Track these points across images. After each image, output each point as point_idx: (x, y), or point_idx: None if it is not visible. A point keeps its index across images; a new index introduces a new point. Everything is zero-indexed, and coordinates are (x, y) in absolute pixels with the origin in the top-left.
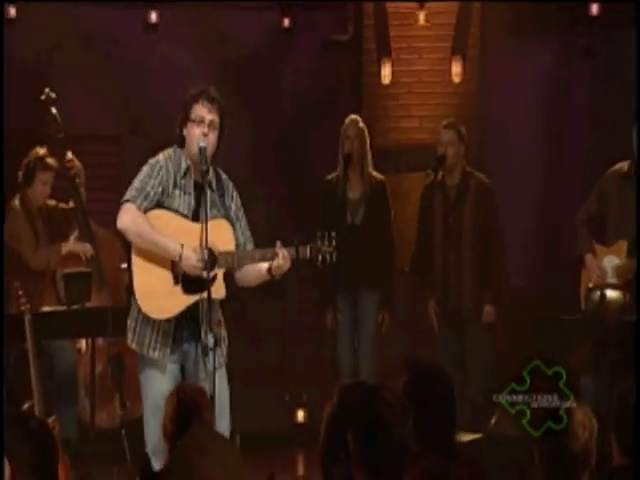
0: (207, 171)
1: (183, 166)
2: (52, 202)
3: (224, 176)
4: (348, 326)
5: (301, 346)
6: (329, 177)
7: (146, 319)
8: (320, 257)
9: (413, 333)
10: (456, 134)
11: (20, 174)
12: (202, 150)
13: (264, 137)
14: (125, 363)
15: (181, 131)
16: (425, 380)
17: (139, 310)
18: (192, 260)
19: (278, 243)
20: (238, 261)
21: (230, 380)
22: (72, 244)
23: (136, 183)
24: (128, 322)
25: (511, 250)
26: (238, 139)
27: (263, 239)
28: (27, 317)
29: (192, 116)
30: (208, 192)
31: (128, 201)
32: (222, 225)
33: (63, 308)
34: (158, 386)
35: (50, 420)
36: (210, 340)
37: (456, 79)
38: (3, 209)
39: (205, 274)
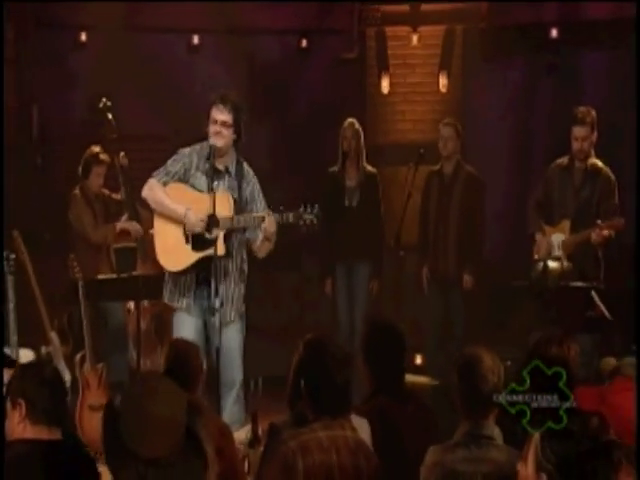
0: (220, 161)
1: (204, 155)
2: (105, 191)
3: (246, 166)
4: (344, 292)
5: (315, 307)
6: (331, 169)
7: (172, 277)
8: (301, 221)
9: (397, 296)
10: (454, 131)
11: (79, 168)
12: (212, 147)
13: (284, 137)
14: (165, 320)
15: (207, 129)
16: (379, 334)
17: (163, 267)
18: (192, 219)
19: (267, 210)
20: (235, 224)
21: (255, 334)
22: (124, 223)
23: (164, 165)
24: (164, 282)
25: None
26: (262, 139)
27: None
28: (80, 283)
29: (211, 118)
30: (226, 177)
31: (152, 177)
32: (226, 198)
33: (114, 276)
34: (183, 331)
35: (99, 366)
36: (216, 301)
37: (443, 89)
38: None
39: (207, 234)
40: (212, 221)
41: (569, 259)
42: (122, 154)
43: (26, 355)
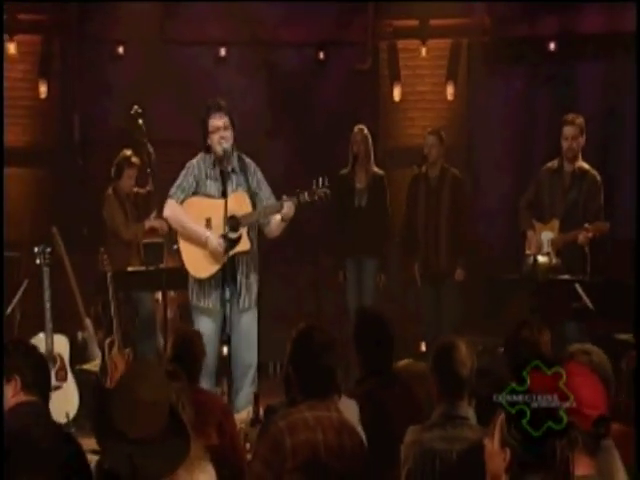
0: (228, 163)
1: (210, 163)
2: (136, 189)
3: (247, 160)
4: (354, 283)
5: (330, 297)
6: (342, 172)
7: (197, 281)
8: (316, 197)
9: (401, 288)
10: (437, 138)
11: (112, 170)
12: (226, 151)
13: (302, 141)
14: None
15: (205, 140)
16: (368, 323)
17: (190, 275)
18: (213, 244)
19: (284, 196)
20: (257, 217)
21: (276, 321)
22: (152, 221)
23: (177, 181)
24: (189, 284)
25: (485, 225)
26: (281, 144)
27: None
28: (109, 274)
29: (210, 128)
30: (234, 176)
31: (170, 197)
32: (241, 196)
33: (143, 268)
34: (203, 324)
35: (126, 351)
36: (228, 292)
37: (450, 98)
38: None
39: (232, 234)
40: (233, 222)
41: (557, 255)
42: (152, 154)
43: (60, 340)
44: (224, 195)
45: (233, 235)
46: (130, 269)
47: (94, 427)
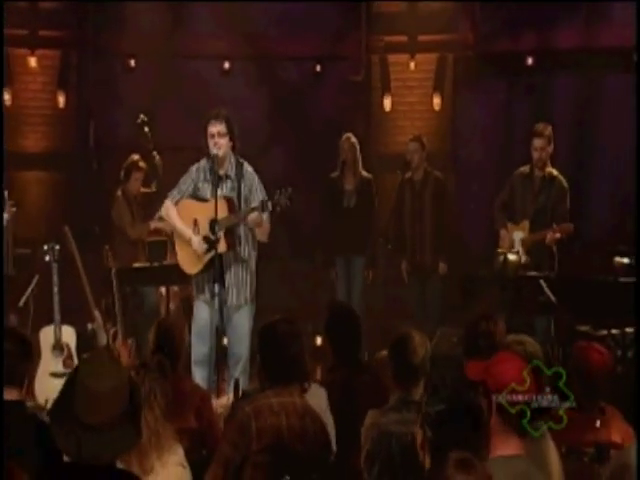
0: (222, 167)
1: (209, 167)
2: (144, 190)
3: (246, 166)
4: (344, 279)
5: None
6: (332, 175)
7: (194, 276)
8: (278, 207)
9: (387, 283)
10: (419, 145)
11: (121, 173)
12: (214, 157)
13: (300, 148)
14: (192, 303)
15: (206, 146)
16: (338, 316)
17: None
18: (195, 243)
19: (253, 204)
20: (234, 221)
21: (273, 314)
22: (157, 222)
23: (179, 183)
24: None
25: (465, 224)
26: (281, 150)
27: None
28: (112, 270)
29: (208, 134)
30: (228, 181)
31: (167, 197)
32: (224, 201)
33: (148, 264)
34: (198, 316)
35: (129, 341)
36: (217, 288)
37: (436, 108)
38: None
39: (212, 236)
40: (214, 225)
41: (527, 253)
42: (156, 156)
43: (67, 331)
44: (213, 198)
45: (213, 236)
46: (136, 265)
47: (52, 409)
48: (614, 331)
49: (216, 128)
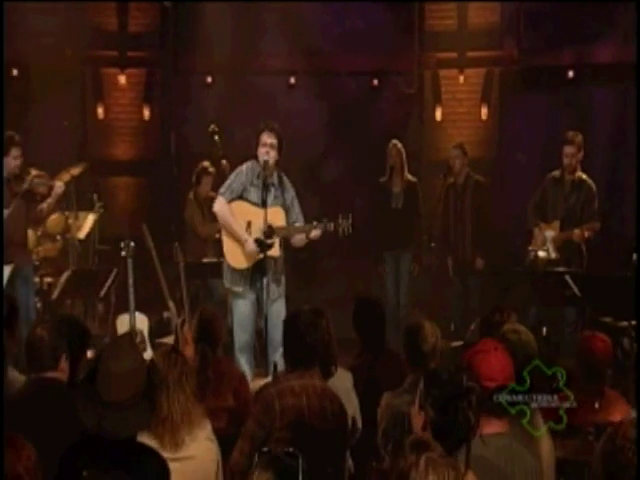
0: (270, 175)
1: (256, 172)
2: (212, 194)
3: (285, 178)
4: (392, 274)
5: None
6: (381, 179)
7: (230, 269)
8: (340, 230)
9: (432, 278)
10: (461, 151)
11: (193, 178)
12: (266, 163)
13: (360, 156)
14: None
15: (256, 150)
16: (363, 309)
17: (227, 263)
18: (249, 247)
19: (314, 222)
20: (288, 232)
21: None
22: None
23: (227, 182)
24: (224, 270)
25: (509, 225)
26: (341, 158)
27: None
28: (181, 264)
29: (260, 142)
30: (272, 189)
31: (221, 195)
32: (278, 210)
33: (215, 260)
34: (240, 308)
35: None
36: (264, 282)
37: (484, 117)
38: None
39: (267, 240)
40: (269, 231)
41: (558, 251)
42: (224, 162)
43: (141, 318)
44: (264, 204)
45: (268, 241)
46: (205, 260)
47: (78, 387)
48: (634, 322)
49: (270, 139)
